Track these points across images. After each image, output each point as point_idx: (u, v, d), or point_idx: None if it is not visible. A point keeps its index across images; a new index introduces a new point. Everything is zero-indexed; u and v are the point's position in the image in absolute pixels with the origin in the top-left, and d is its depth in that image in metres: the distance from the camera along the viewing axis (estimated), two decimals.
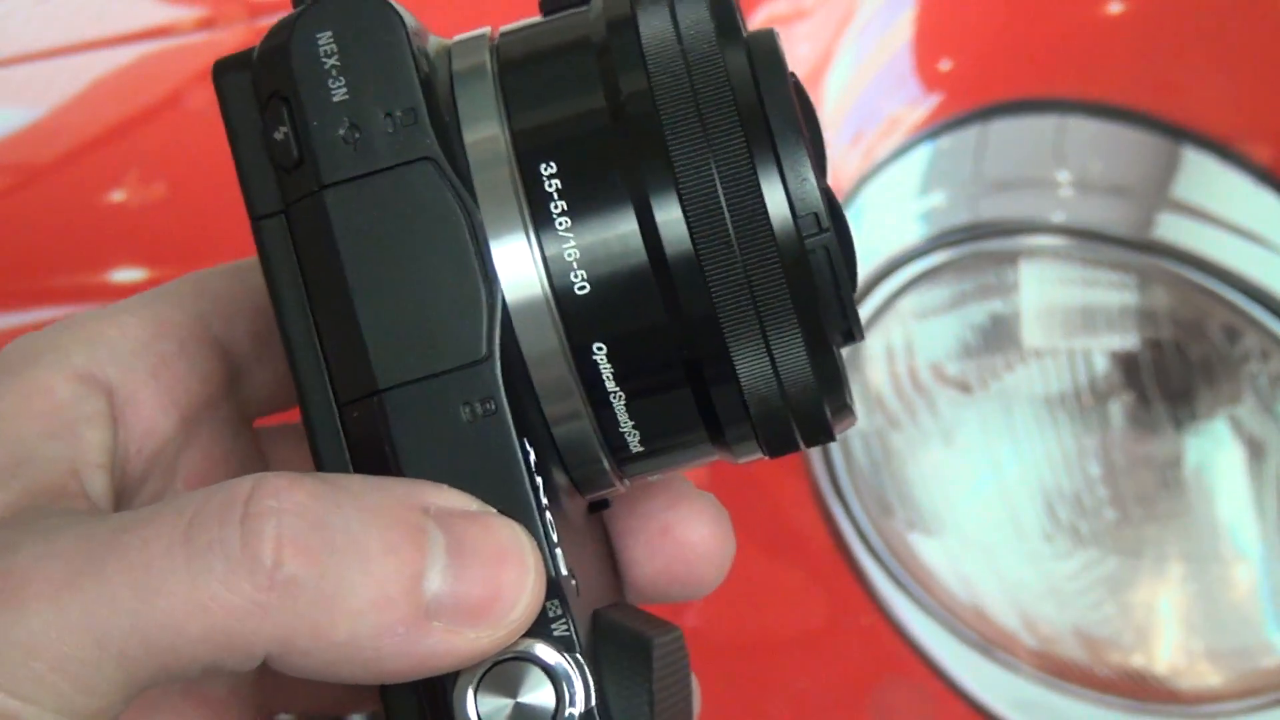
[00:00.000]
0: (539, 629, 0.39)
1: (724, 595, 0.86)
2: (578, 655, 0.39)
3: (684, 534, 0.46)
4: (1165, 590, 0.90)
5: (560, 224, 0.40)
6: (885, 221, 0.91)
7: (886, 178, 0.91)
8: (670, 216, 0.39)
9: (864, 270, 0.41)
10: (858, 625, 0.92)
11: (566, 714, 0.39)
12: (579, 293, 0.40)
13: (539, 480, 0.40)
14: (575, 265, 0.40)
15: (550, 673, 0.39)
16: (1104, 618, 0.91)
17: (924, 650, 0.91)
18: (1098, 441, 0.91)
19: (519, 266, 0.40)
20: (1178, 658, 0.91)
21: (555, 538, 0.40)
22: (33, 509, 0.40)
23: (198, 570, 0.37)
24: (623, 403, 0.41)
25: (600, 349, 0.40)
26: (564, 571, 0.40)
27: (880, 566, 0.91)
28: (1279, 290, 0.89)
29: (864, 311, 0.88)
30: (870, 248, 0.89)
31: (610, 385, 0.40)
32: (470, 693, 0.39)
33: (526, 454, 0.40)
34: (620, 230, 0.40)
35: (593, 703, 0.39)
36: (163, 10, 0.93)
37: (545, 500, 0.40)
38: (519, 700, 0.39)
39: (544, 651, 0.39)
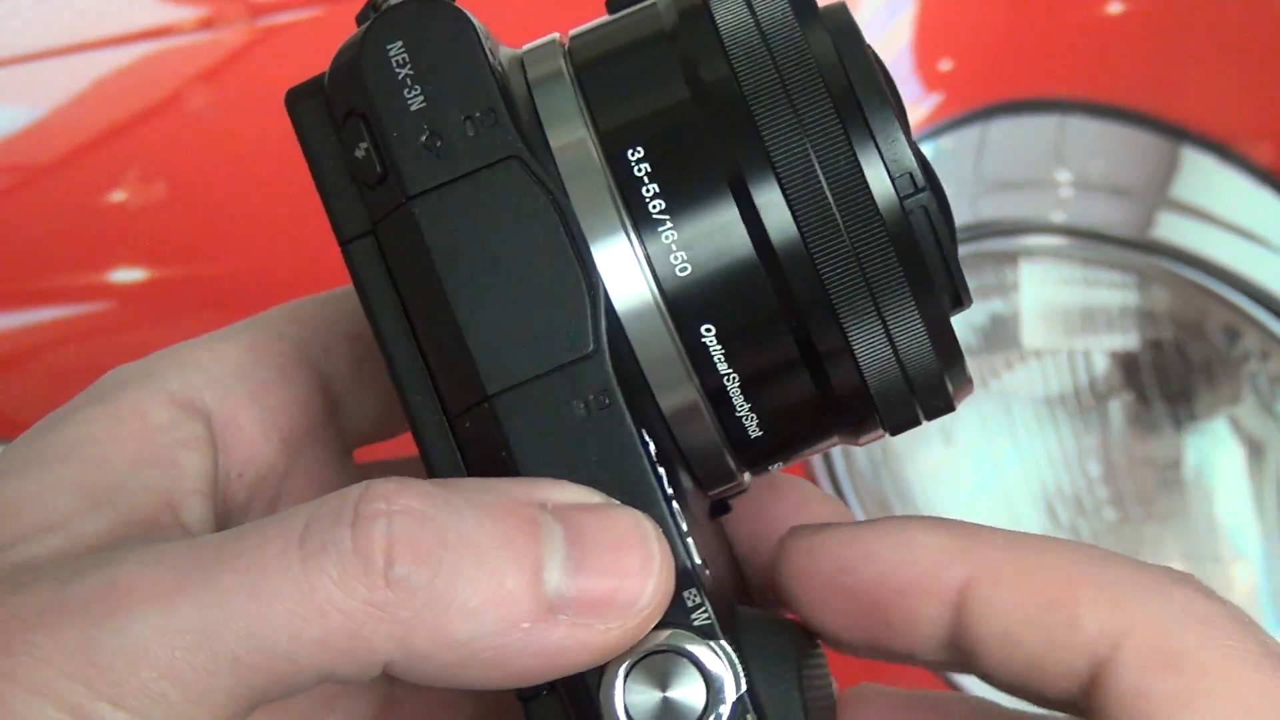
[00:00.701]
0: (679, 618, 0.38)
1: None
2: (722, 643, 0.38)
3: None
4: None
5: (654, 207, 0.39)
6: None
7: None
8: (769, 196, 0.39)
9: None
10: None
11: (716, 705, 0.38)
12: (680, 275, 0.39)
13: (661, 471, 0.39)
14: (674, 248, 0.39)
15: (700, 666, 0.38)
16: None
17: None
18: (1098, 441, 0.91)
19: (619, 258, 0.39)
20: None
21: (685, 527, 0.39)
22: (127, 539, 0.39)
23: (313, 572, 0.36)
24: (736, 385, 0.40)
25: (709, 330, 0.39)
26: (698, 560, 0.39)
27: None
28: (1279, 290, 0.89)
29: None
30: None
31: (723, 367, 0.40)
32: (620, 682, 0.38)
33: (646, 445, 0.39)
34: (718, 211, 0.39)
35: (743, 690, 0.38)
36: (163, 10, 0.93)
37: (670, 491, 0.39)
38: (667, 694, 0.38)
39: (692, 643, 0.38)
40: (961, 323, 0.93)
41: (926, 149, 0.91)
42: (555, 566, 0.37)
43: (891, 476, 0.91)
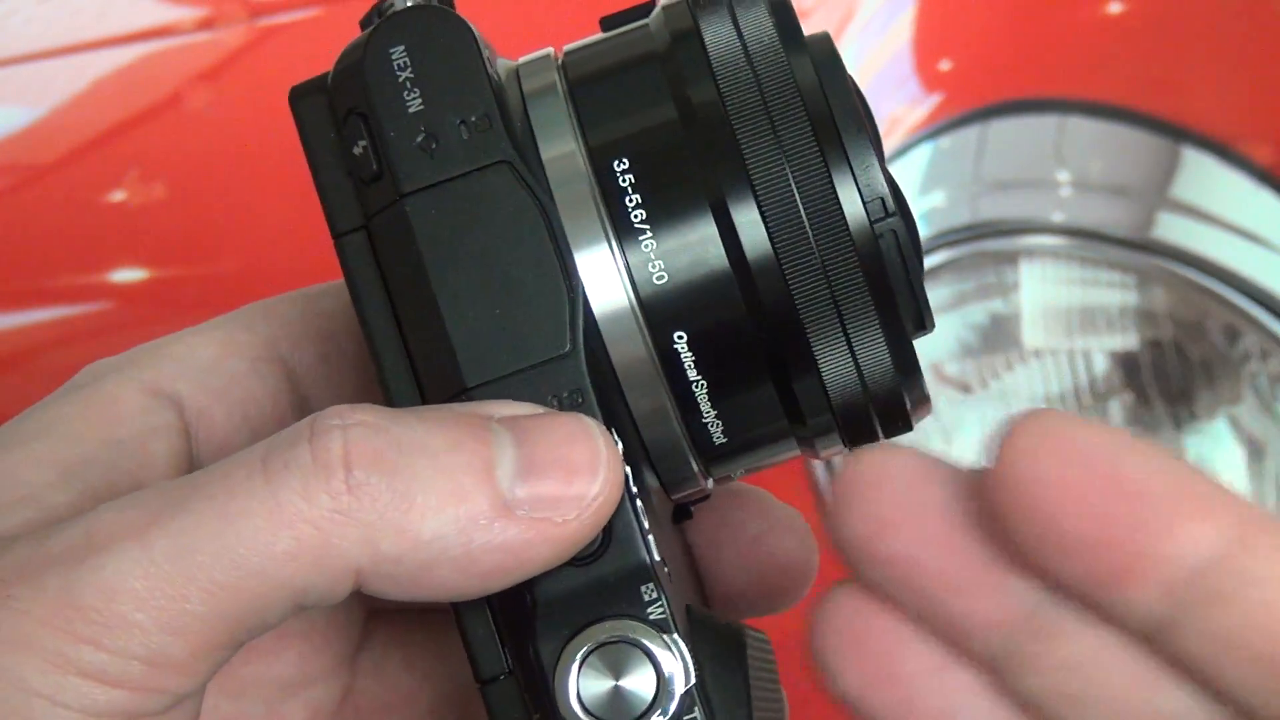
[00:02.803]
0: (636, 610, 0.40)
1: None
2: (676, 636, 0.40)
3: (776, 543, 0.47)
4: None
5: (636, 216, 0.41)
6: None
7: None
8: (746, 213, 0.40)
9: None
10: None
11: (667, 696, 0.39)
12: (657, 283, 0.41)
13: (627, 469, 0.40)
14: (653, 257, 0.41)
15: (651, 658, 0.39)
16: None
17: None
18: None
19: (600, 264, 0.41)
20: None
21: (646, 525, 0.40)
22: None
23: (278, 488, 0.37)
24: (705, 392, 0.41)
25: (681, 337, 0.41)
26: (656, 557, 0.40)
27: None
28: (1279, 290, 0.89)
29: None
30: None
31: (692, 374, 0.41)
32: (574, 669, 0.39)
33: (615, 443, 0.40)
34: (697, 224, 0.41)
35: (692, 683, 0.40)
36: (163, 10, 0.93)
37: (635, 489, 0.40)
38: (619, 683, 0.39)
39: (646, 636, 0.40)
40: (961, 323, 0.93)
41: (926, 149, 0.91)
42: (507, 465, 0.39)
43: None
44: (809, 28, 0.41)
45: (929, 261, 0.90)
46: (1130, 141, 0.90)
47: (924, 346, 0.42)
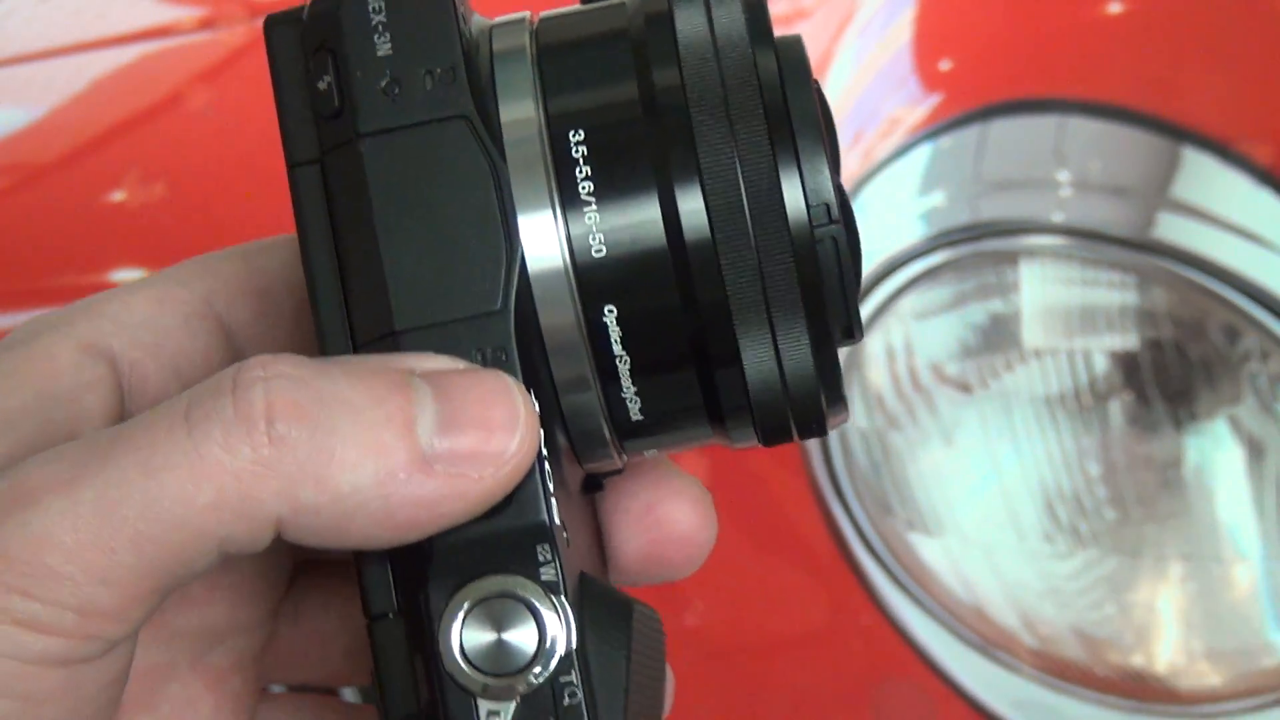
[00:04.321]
0: (528, 569, 0.40)
1: (724, 595, 0.86)
2: (564, 599, 0.40)
3: (667, 512, 0.48)
4: (1165, 590, 0.90)
5: (584, 189, 0.41)
6: (885, 221, 0.91)
7: (886, 178, 0.91)
8: (691, 201, 0.41)
9: (864, 270, 0.42)
10: (858, 625, 0.92)
11: (546, 655, 0.40)
12: (595, 256, 0.41)
13: (541, 431, 0.41)
14: (595, 229, 0.41)
15: (536, 616, 0.40)
16: (1104, 618, 0.91)
17: (924, 650, 0.91)
18: (1098, 441, 0.91)
19: (542, 229, 0.41)
20: (1178, 658, 0.91)
21: (550, 487, 0.41)
22: None
23: (199, 440, 0.38)
24: (627, 368, 0.42)
25: (611, 311, 0.42)
26: (556, 520, 0.41)
27: (880, 566, 0.91)
28: (1279, 290, 0.89)
29: (864, 311, 0.88)
30: (870, 248, 0.89)
31: (617, 349, 0.42)
32: (459, 617, 0.40)
33: (534, 405, 0.41)
34: (641, 204, 0.42)
35: (573, 647, 0.40)
36: (163, 10, 0.93)
37: (544, 451, 0.41)
38: (502, 636, 0.40)
39: (534, 595, 0.40)
40: (961, 323, 0.93)
41: (926, 149, 0.91)
42: (427, 421, 0.39)
43: (892, 476, 0.91)
44: (810, 28, 0.42)
45: (928, 262, 0.90)
46: (1130, 141, 0.91)
47: (924, 346, 0.43)
